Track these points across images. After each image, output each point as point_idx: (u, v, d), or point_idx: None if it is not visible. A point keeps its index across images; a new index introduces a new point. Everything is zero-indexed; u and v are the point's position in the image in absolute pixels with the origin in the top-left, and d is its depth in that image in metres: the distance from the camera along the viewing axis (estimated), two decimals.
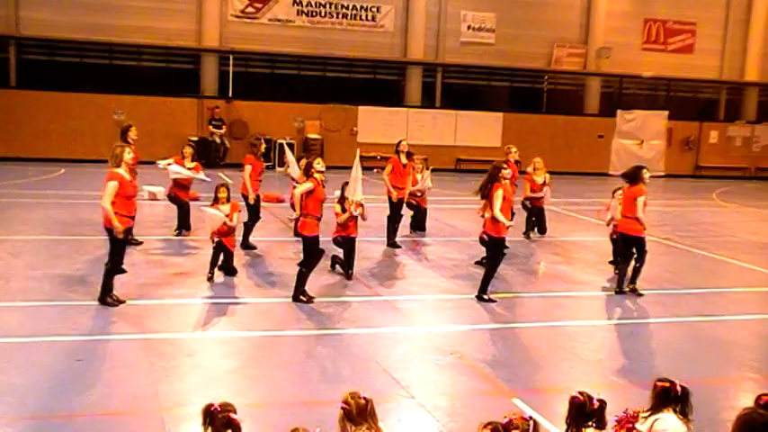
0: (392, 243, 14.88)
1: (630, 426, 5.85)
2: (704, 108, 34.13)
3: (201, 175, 14.89)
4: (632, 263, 12.43)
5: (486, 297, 11.58)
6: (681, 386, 5.68)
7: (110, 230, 10.23)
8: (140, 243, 14.05)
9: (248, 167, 13.89)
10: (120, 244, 10.43)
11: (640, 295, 12.28)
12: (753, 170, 32.95)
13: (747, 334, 11.02)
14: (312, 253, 11.11)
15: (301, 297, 11.00)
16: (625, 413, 5.99)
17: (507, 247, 12.73)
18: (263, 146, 14.71)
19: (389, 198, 14.99)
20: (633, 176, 12.33)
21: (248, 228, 14.14)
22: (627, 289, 12.39)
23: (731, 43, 33.33)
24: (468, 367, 8.84)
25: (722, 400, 7.99)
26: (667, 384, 5.67)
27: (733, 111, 34.12)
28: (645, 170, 12.47)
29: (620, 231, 12.61)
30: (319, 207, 11.10)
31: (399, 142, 15.19)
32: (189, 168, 14.85)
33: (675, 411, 5.64)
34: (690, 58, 32.76)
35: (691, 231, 14.71)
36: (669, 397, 5.64)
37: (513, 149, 15.38)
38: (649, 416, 5.65)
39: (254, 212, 14.10)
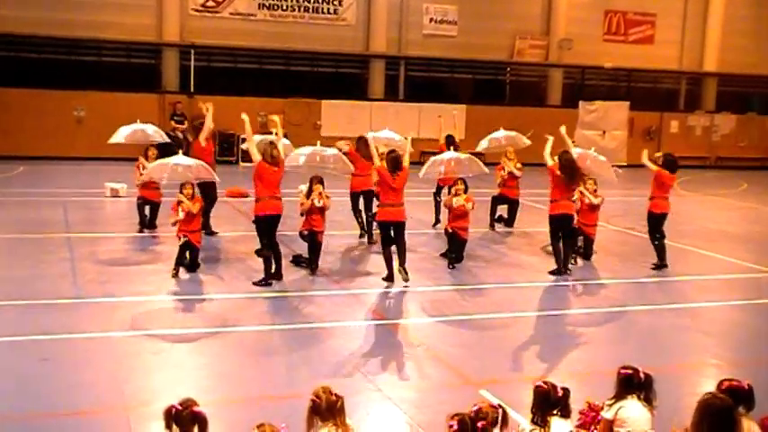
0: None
1: (595, 414, 5.92)
2: (665, 98, 34.48)
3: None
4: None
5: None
6: (644, 373, 5.75)
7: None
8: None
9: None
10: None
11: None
12: (713, 159, 33.37)
13: (710, 321, 11.18)
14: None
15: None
16: (588, 405, 6.06)
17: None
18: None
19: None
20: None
21: (206, 212, 14.06)
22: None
23: (690, 34, 33.70)
24: (434, 359, 8.87)
25: (685, 386, 8.10)
26: (630, 372, 5.74)
27: (693, 101, 34.52)
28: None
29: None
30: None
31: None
32: None
33: (639, 398, 5.71)
34: (650, 49, 33.07)
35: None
36: (632, 384, 5.71)
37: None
38: (613, 403, 5.72)
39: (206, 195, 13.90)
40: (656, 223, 13.75)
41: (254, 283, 11.44)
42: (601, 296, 12.29)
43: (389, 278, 11.92)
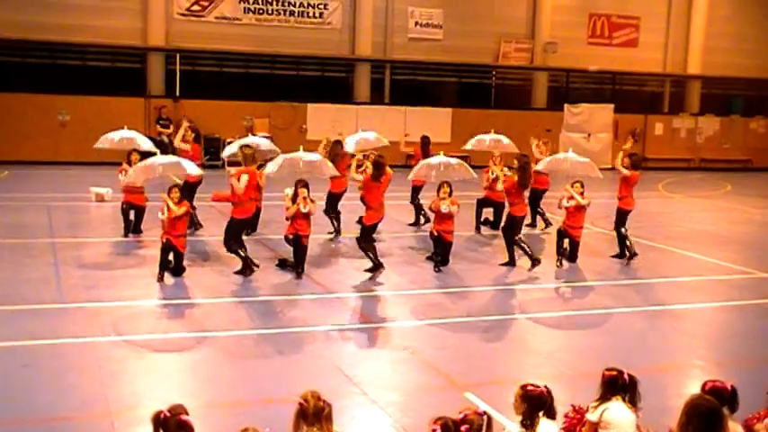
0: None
1: (580, 417, 5.93)
2: (649, 101, 34.61)
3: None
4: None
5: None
6: (628, 375, 5.77)
7: None
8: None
9: None
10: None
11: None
12: (697, 161, 33.51)
13: (694, 322, 11.23)
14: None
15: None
16: (573, 408, 6.07)
17: None
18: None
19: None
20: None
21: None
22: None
23: (674, 37, 33.85)
24: (420, 362, 8.86)
25: (670, 387, 8.13)
26: (615, 373, 5.75)
27: (677, 103, 34.65)
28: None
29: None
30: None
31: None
32: None
33: (624, 400, 5.72)
34: (634, 52, 33.20)
35: (638, 222, 14.96)
36: (617, 386, 5.72)
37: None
38: (598, 405, 5.73)
39: (188, 192, 13.90)
40: (624, 219, 14.34)
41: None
42: (586, 298, 12.32)
43: (380, 265, 12.47)
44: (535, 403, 5.40)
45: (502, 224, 14.44)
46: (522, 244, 13.46)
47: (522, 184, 13.53)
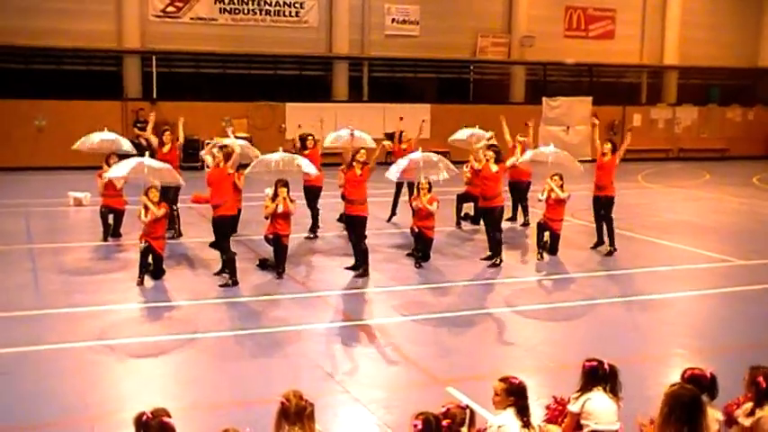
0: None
1: (561, 408, 5.95)
2: (627, 92, 34.76)
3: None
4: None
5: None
6: (609, 365, 5.80)
7: None
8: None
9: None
10: None
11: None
12: (675, 151, 33.70)
13: (674, 311, 11.28)
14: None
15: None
16: (554, 400, 6.09)
17: None
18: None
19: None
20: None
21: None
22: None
23: (650, 28, 34.02)
24: (402, 358, 8.86)
25: (650, 377, 8.16)
26: (595, 364, 5.78)
27: (654, 94, 34.83)
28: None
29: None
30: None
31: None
32: None
33: (605, 390, 5.76)
34: (611, 44, 33.35)
35: (618, 213, 14.99)
36: (598, 376, 5.75)
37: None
38: (579, 396, 5.76)
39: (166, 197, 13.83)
40: (612, 206, 14.52)
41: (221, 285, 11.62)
42: (567, 291, 12.35)
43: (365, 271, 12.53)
44: (523, 395, 5.43)
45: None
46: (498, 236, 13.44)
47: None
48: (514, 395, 5.43)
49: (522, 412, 5.38)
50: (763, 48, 35.50)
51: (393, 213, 16.99)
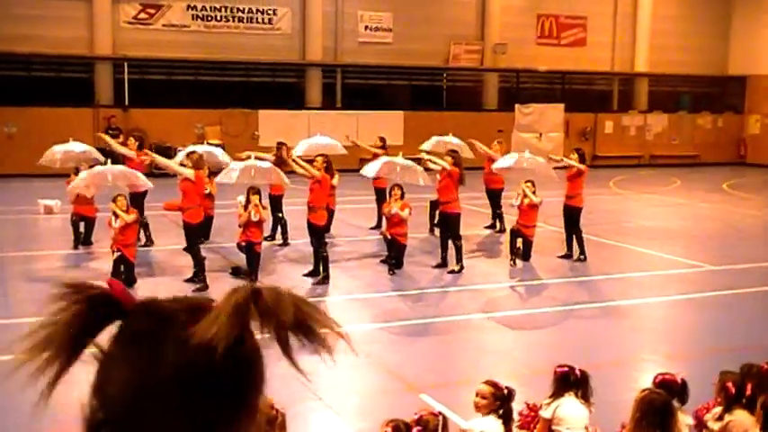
0: None
1: (534, 414, 5.97)
2: (598, 99, 35.04)
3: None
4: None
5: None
6: (580, 370, 5.82)
7: None
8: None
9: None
10: None
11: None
12: (647, 158, 33.97)
13: (645, 317, 11.37)
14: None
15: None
16: (527, 406, 6.11)
17: None
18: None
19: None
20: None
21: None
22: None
23: (621, 36, 34.31)
24: (376, 365, 8.84)
25: (622, 382, 8.20)
26: (567, 369, 5.80)
27: (626, 101, 35.12)
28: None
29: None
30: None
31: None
32: None
33: (576, 395, 5.78)
34: (583, 52, 33.57)
35: (590, 219, 15.10)
36: (569, 382, 5.77)
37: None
38: (551, 402, 5.78)
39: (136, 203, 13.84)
40: (579, 217, 14.42)
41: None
42: (540, 297, 12.41)
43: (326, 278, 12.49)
44: (509, 402, 5.46)
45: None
46: (459, 244, 13.43)
47: (461, 180, 13.38)
48: (502, 401, 5.45)
49: (506, 419, 5.39)
50: (733, 55, 35.92)
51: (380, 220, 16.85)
